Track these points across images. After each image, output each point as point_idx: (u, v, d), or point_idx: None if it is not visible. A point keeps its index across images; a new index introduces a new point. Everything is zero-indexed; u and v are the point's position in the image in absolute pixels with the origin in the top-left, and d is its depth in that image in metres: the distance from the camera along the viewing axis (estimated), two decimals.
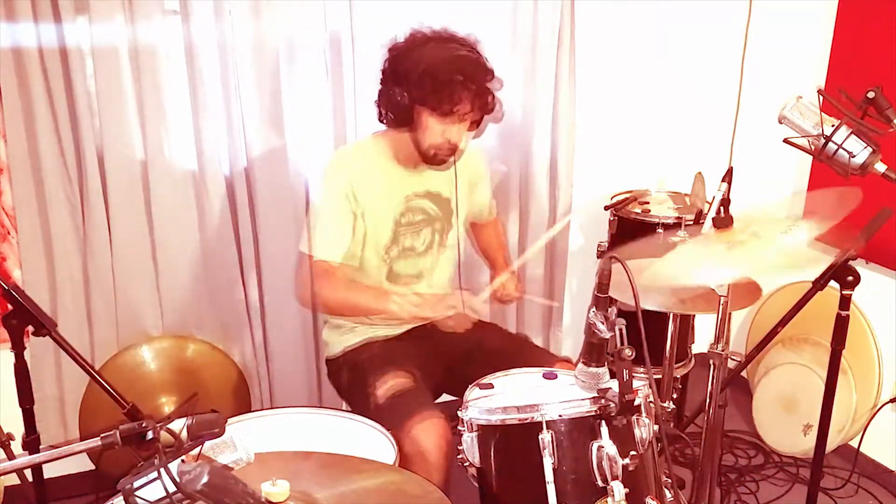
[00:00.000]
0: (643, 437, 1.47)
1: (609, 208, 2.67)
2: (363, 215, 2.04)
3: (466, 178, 2.19)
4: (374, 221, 2.07)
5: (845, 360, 2.39)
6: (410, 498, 1.35)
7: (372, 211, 2.06)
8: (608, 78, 2.86)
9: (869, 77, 2.54)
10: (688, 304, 2.12)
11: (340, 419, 1.82)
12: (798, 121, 1.73)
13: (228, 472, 1.04)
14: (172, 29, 2.27)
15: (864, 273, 1.81)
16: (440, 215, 2.16)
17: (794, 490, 2.62)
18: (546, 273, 2.88)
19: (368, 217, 2.06)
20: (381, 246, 2.09)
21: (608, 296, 1.43)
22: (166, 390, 2.38)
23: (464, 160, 2.12)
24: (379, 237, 2.08)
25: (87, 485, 2.46)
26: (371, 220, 2.06)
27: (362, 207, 2.04)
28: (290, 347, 2.60)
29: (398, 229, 2.09)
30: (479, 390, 1.80)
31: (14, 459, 1.33)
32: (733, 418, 2.94)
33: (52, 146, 2.23)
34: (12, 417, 1.78)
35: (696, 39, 2.94)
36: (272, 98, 2.40)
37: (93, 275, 2.36)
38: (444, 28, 2.04)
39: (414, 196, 2.11)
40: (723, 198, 1.82)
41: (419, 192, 2.12)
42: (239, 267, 2.50)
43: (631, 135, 2.96)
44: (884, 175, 1.68)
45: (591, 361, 1.46)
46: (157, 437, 1.08)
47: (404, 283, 2.15)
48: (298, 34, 2.39)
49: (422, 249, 2.15)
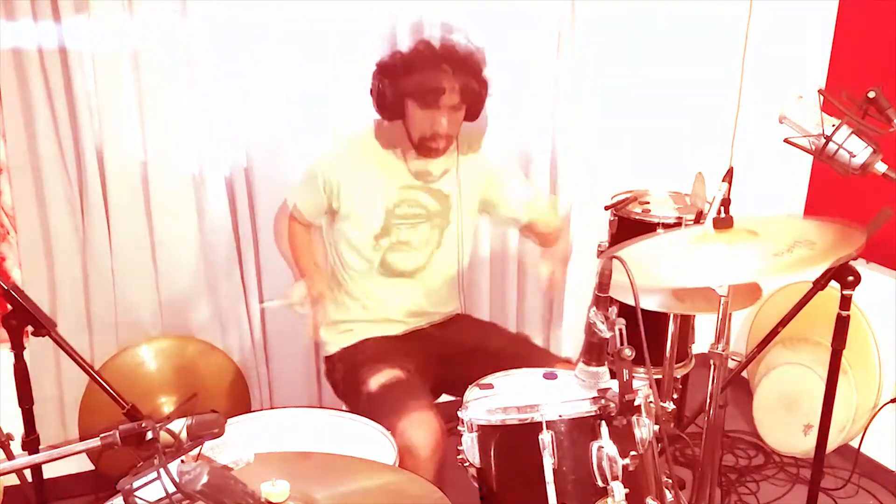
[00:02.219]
0: (643, 437, 1.47)
1: (609, 208, 2.67)
2: (338, 196, 2.08)
3: (475, 173, 2.17)
4: (361, 208, 2.08)
5: (846, 360, 2.38)
6: (410, 498, 1.34)
7: (358, 198, 2.08)
8: (608, 78, 2.86)
9: (869, 77, 2.54)
10: (688, 304, 2.12)
11: (340, 419, 1.82)
12: (798, 121, 1.73)
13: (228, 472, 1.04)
14: (172, 29, 2.27)
15: (864, 273, 1.81)
16: (440, 210, 2.14)
17: (794, 490, 2.61)
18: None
19: (350, 203, 2.08)
20: (369, 234, 2.10)
21: (608, 295, 1.42)
22: (166, 390, 2.37)
23: (471, 154, 2.12)
24: (367, 224, 2.09)
25: (87, 485, 2.46)
26: (356, 207, 2.08)
27: (340, 193, 2.08)
28: (290, 347, 2.60)
29: (391, 220, 2.09)
30: (479, 390, 1.79)
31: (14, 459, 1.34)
32: (733, 418, 2.94)
33: (51, 146, 2.23)
34: (12, 417, 1.78)
35: (696, 39, 2.94)
36: (272, 98, 2.40)
37: (93, 275, 2.36)
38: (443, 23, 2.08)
39: (409, 187, 2.11)
40: (723, 198, 1.81)
41: (415, 185, 2.11)
42: (239, 267, 2.50)
43: (631, 134, 2.95)
44: (884, 175, 1.68)
45: (591, 361, 1.45)
46: (157, 438, 1.08)
47: (398, 276, 2.15)
48: (299, 33, 2.39)
49: (417, 244, 2.14)
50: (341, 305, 2.19)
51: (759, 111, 2.94)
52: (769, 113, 1.83)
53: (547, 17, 2.60)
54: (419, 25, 2.45)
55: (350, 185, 2.08)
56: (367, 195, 2.08)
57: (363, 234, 2.10)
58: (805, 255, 1.56)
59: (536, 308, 2.90)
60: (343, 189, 2.08)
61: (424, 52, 2.01)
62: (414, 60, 1.98)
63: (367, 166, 2.09)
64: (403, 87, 1.97)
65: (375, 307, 2.17)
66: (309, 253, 2.23)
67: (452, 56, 1.99)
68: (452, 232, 2.17)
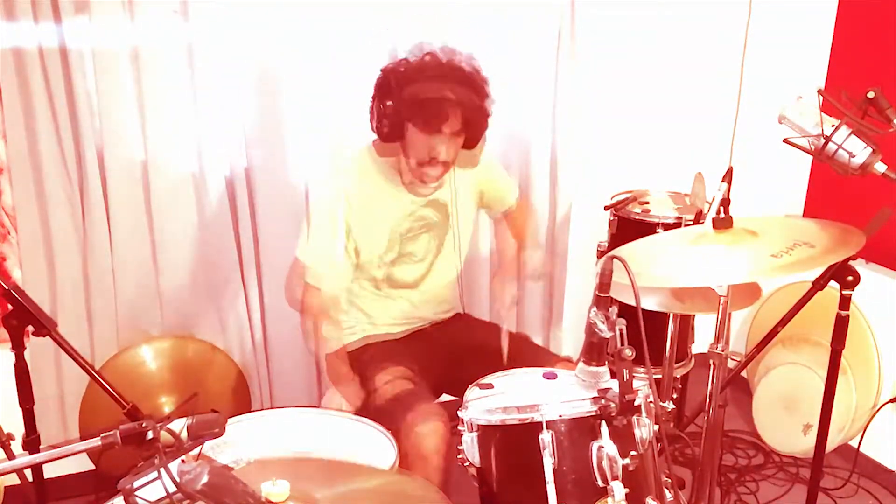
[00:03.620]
0: (643, 437, 1.47)
1: (609, 208, 2.67)
2: (350, 228, 2.04)
3: (469, 182, 2.17)
4: (369, 234, 2.06)
5: (845, 360, 2.39)
6: (410, 498, 1.35)
7: (365, 225, 2.05)
8: (608, 78, 2.86)
9: (869, 77, 2.55)
10: (687, 304, 2.12)
11: (340, 419, 1.82)
12: (798, 121, 1.73)
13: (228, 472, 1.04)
14: (172, 29, 2.27)
15: (864, 273, 1.81)
16: (439, 220, 2.15)
17: (794, 490, 2.62)
18: (546, 273, 2.88)
19: (361, 229, 2.05)
20: (374, 255, 2.09)
21: (609, 295, 1.42)
22: (166, 390, 2.37)
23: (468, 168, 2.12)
24: (374, 247, 2.08)
25: (87, 485, 2.45)
26: (365, 233, 2.06)
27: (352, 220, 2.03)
28: (290, 347, 2.60)
29: (395, 237, 2.09)
30: (479, 390, 1.79)
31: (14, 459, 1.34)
32: (733, 418, 2.94)
33: (52, 146, 2.23)
34: (12, 417, 1.78)
35: (696, 39, 2.94)
36: (272, 98, 2.40)
37: (93, 275, 2.36)
38: (444, 45, 2.00)
39: (418, 208, 2.10)
40: (723, 198, 1.81)
41: (416, 201, 2.10)
42: (239, 267, 2.50)
43: (631, 134, 2.95)
44: (884, 175, 1.68)
45: (592, 360, 1.46)
46: (157, 437, 1.08)
47: (402, 287, 2.16)
48: (299, 34, 2.38)
49: (420, 255, 2.15)
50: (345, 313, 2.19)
51: (759, 111, 2.94)
52: (769, 113, 1.83)
53: (547, 17, 2.60)
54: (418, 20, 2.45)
55: (354, 208, 2.05)
56: (371, 217, 2.06)
57: (370, 255, 2.09)
58: (804, 255, 1.57)
59: (536, 308, 2.90)
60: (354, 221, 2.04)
61: (430, 66, 1.92)
62: (417, 79, 1.90)
63: (369, 188, 2.06)
64: (404, 109, 1.91)
65: (380, 315, 2.18)
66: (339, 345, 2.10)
67: (465, 88, 1.91)
68: (451, 236, 2.17)
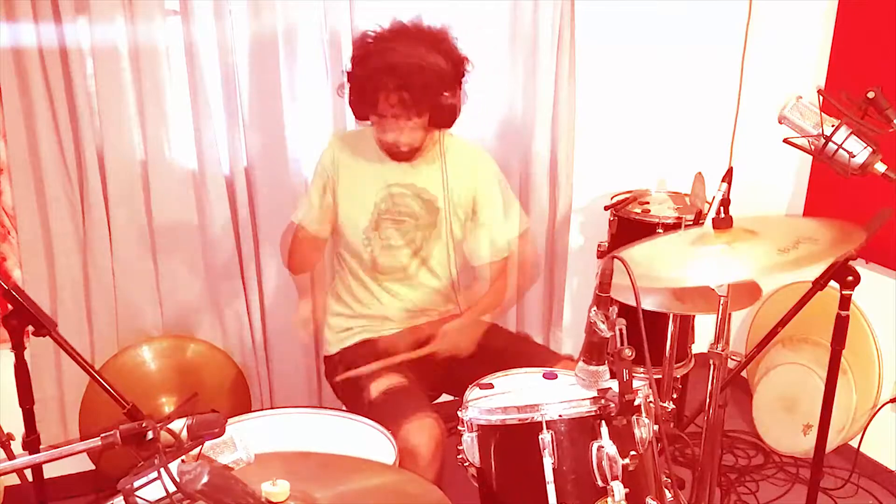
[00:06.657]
0: (643, 437, 1.47)
1: (609, 208, 2.67)
2: (334, 190, 2.09)
3: (461, 181, 2.15)
4: (351, 200, 2.10)
5: (845, 360, 2.39)
6: (410, 498, 1.35)
7: (349, 190, 2.10)
8: (608, 77, 2.86)
9: (869, 77, 2.54)
10: (687, 304, 2.12)
11: (340, 419, 1.82)
12: (798, 121, 1.73)
13: (228, 472, 1.04)
14: (172, 29, 2.28)
15: (864, 273, 1.81)
16: (424, 212, 2.13)
17: (794, 490, 2.62)
18: (546, 273, 2.88)
19: (344, 194, 2.10)
20: (359, 228, 2.11)
21: (609, 295, 1.43)
22: (166, 390, 2.37)
23: (457, 161, 2.12)
24: (357, 217, 2.11)
25: (87, 485, 2.45)
26: (347, 199, 2.10)
27: (336, 184, 2.09)
28: (290, 347, 2.60)
29: (379, 216, 2.10)
30: (479, 390, 1.80)
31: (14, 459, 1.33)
32: (733, 418, 2.94)
33: (52, 146, 2.23)
34: (12, 417, 1.77)
35: (696, 39, 2.94)
36: (272, 98, 2.40)
37: (93, 275, 2.36)
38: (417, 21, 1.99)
39: (396, 185, 2.11)
40: (723, 198, 1.81)
41: (402, 183, 2.11)
42: (239, 267, 2.50)
43: (631, 135, 2.96)
44: (884, 175, 1.68)
45: (592, 360, 1.46)
46: (157, 437, 1.08)
47: (390, 277, 2.16)
48: (298, 33, 2.39)
49: (403, 242, 2.14)
50: (342, 302, 2.21)
51: (759, 111, 2.94)
52: (769, 113, 1.83)
53: (547, 17, 2.60)
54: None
55: (343, 178, 2.10)
56: (357, 188, 2.10)
57: (355, 229, 2.11)
58: (804, 255, 1.57)
59: (536, 308, 2.90)
60: (339, 183, 2.10)
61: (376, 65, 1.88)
62: (363, 74, 1.90)
63: (359, 161, 2.11)
64: (354, 96, 1.96)
65: (374, 305, 2.18)
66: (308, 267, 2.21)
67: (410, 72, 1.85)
68: (442, 235, 2.16)
